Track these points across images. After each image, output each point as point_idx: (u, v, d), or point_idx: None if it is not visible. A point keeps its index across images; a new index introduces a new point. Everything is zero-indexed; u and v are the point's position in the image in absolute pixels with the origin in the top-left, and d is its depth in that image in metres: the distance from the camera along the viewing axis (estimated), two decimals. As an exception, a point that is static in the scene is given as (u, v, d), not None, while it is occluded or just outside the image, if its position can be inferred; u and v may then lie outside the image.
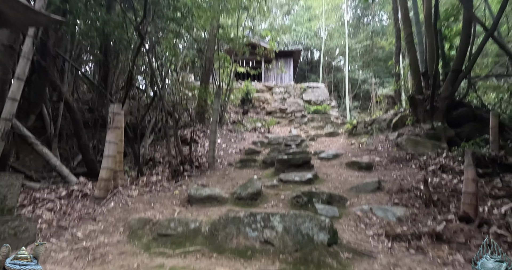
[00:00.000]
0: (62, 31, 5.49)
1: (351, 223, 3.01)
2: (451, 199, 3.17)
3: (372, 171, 4.78)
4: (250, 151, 6.94)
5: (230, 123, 11.43)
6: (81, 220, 2.76)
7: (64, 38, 6.52)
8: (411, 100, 6.19)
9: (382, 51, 25.10)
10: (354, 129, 8.60)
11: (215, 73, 10.33)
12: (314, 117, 14.08)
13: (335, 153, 6.03)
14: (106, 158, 3.41)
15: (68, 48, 6.99)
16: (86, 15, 5.57)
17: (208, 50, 9.78)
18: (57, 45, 5.43)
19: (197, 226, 2.80)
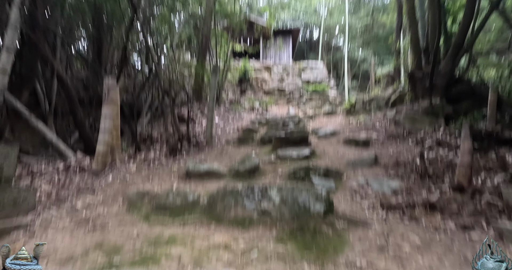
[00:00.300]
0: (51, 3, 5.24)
1: (347, 195, 3.06)
2: (446, 172, 3.22)
3: (369, 147, 4.81)
4: (248, 129, 6.93)
5: (227, 102, 11.33)
6: (80, 192, 2.78)
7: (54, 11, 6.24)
8: (411, 77, 6.11)
9: (382, 29, 24.47)
10: (353, 108, 8.57)
11: (212, 51, 10.08)
12: (312, 97, 13.99)
13: (333, 131, 6.03)
14: (103, 132, 3.38)
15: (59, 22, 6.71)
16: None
17: (204, 27, 9.46)
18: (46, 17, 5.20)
19: (196, 198, 2.84)
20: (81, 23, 8.06)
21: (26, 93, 6.18)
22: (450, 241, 2.03)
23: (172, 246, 1.97)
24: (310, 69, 17.58)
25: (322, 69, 17.85)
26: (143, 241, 2.04)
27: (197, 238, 2.17)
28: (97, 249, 1.87)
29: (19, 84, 6.12)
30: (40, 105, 6.31)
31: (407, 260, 1.85)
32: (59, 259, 1.74)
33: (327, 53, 26.26)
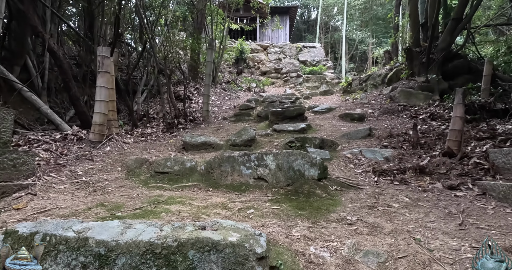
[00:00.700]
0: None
1: (341, 163, 3.15)
2: (438, 142, 3.30)
3: (364, 121, 4.87)
4: (245, 106, 6.93)
5: (224, 83, 11.22)
6: (79, 160, 2.82)
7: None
8: (408, 53, 6.08)
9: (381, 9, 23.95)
10: (349, 86, 8.55)
11: (207, 28, 9.83)
12: (309, 78, 13.89)
13: (329, 107, 6.07)
14: (99, 102, 3.37)
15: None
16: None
17: (199, 3, 9.16)
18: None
19: (193, 164, 2.90)
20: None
21: (18, 68, 6.05)
22: (436, 199, 2.13)
23: (172, 205, 2.05)
24: (307, 50, 17.33)
25: (320, 50, 17.61)
26: (143, 201, 2.11)
27: (195, 199, 2.25)
28: (99, 207, 1.93)
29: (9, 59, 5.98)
30: (33, 82, 6.20)
31: (395, 215, 1.94)
32: (62, 215, 1.80)
33: (324, 34, 25.78)
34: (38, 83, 6.09)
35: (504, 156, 2.12)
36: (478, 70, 5.55)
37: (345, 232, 1.73)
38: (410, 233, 1.66)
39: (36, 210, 1.89)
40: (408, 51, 5.98)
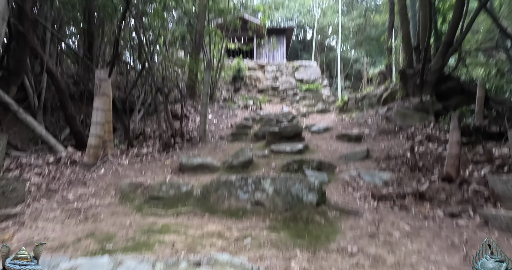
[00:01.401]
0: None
1: (340, 187, 3.10)
2: (435, 164, 3.29)
3: (361, 142, 4.87)
4: (242, 125, 6.93)
5: (221, 100, 11.31)
6: (71, 184, 2.75)
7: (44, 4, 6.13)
8: (402, 75, 6.21)
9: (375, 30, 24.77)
10: (345, 105, 8.65)
11: (205, 48, 10.04)
12: (306, 96, 14.06)
13: (326, 127, 6.09)
14: (95, 125, 3.34)
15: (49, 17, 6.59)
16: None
17: (198, 23, 9.41)
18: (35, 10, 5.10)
19: (189, 189, 2.84)
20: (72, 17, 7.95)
21: (15, 88, 6.05)
22: (438, 228, 2.08)
23: (166, 234, 1.97)
24: (303, 69, 17.68)
25: (316, 68, 17.99)
26: (136, 229, 2.04)
27: (191, 227, 2.17)
28: (89, 237, 1.85)
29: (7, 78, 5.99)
30: (29, 100, 6.19)
31: (397, 246, 1.89)
32: (50, 247, 1.72)
33: (320, 53, 26.46)
34: (35, 103, 6.08)
35: (503, 184, 2.10)
36: (470, 91, 5.67)
37: (346, 264, 1.67)
38: (414, 267, 1.60)
39: (23, 241, 1.80)
40: (402, 73, 6.11)
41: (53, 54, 7.14)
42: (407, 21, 6.39)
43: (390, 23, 8.08)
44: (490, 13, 4.92)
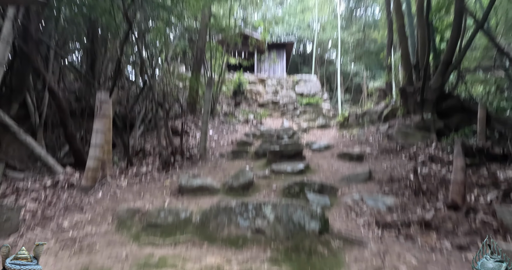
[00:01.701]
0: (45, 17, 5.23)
1: (342, 212, 3.03)
2: (440, 188, 3.22)
3: (363, 161, 4.82)
4: (242, 142, 6.90)
5: (222, 115, 11.33)
6: (67, 210, 2.68)
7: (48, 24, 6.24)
8: (402, 92, 6.23)
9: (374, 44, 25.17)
10: (346, 121, 8.64)
11: (206, 64, 10.16)
12: (306, 110, 14.11)
13: (327, 144, 6.05)
14: (94, 147, 3.31)
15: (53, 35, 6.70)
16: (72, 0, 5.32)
17: (199, 40, 9.57)
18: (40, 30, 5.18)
19: (188, 215, 2.77)
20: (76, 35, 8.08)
21: (16, 105, 6.07)
22: (446, 262, 2.00)
23: (163, 269, 1.90)
24: (303, 82, 17.84)
25: (316, 82, 18.14)
26: (132, 263, 1.96)
27: (189, 260, 2.10)
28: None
29: (8, 96, 6.02)
30: (30, 118, 6.20)
31: (405, 283, 1.81)
32: (42, 285, 1.64)
33: (320, 67, 26.79)
34: (36, 120, 6.08)
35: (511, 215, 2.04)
36: (471, 109, 5.67)
37: (352, 305, 1.59)
38: (423, 310, 1.52)
39: (14, 278, 1.72)
40: (402, 91, 6.13)
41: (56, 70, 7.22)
42: (405, 39, 6.48)
43: (389, 40, 8.19)
44: (487, 33, 4.98)
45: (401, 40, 6.53)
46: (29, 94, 6.14)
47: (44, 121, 6.26)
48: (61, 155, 6.27)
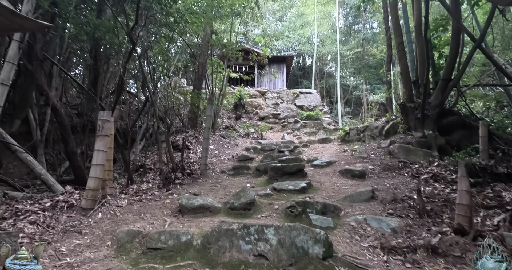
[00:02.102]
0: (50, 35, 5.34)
1: (346, 234, 2.97)
2: (444, 209, 3.18)
3: (365, 179, 4.77)
4: (243, 157, 6.87)
5: (223, 128, 11.35)
6: (66, 233, 2.63)
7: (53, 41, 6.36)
8: (403, 108, 6.26)
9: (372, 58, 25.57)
10: (347, 136, 8.64)
11: (208, 79, 10.29)
12: (307, 123, 14.15)
13: (328, 160, 6.02)
14: (95, 166, 3.29)
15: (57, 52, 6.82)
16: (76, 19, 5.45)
17: (201, 55, 9.73)
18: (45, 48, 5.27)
19: (189, 238, 2.71)
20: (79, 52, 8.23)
21: (18, 121, 6.11)
22: (456, 292, 1.94)
23: (163, 300, 1.84)
24: (304, 96, 17.99)
25: (316, 95, 18.29)
26: (131, 293, 1.90)
27: (190, 289, 2.04)
28: (80, 306, 1.72)
29: (11, 113, 6.07)
30: (32, 134, 6.21)
31: (413, 315, 1.74)
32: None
33: (320, 80, 27.10)
34: (37, 136, 6.10)
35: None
36: (472, 125, 5.68)
37: None
38: None
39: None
40: (402, 107, 6.16)
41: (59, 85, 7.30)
42: (405, 56, 6.57)
43: (388, 57, 8.32)
44: (484, 52, 5.05)
45: (400, 57, 6.62)
46: (31, 111, 6.18)
47: (46, 138, 6.27)
48: (61, 171, 6.24)
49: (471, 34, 5.01)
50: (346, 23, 28.60)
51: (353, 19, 27.60)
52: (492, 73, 7.12)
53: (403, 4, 7.30)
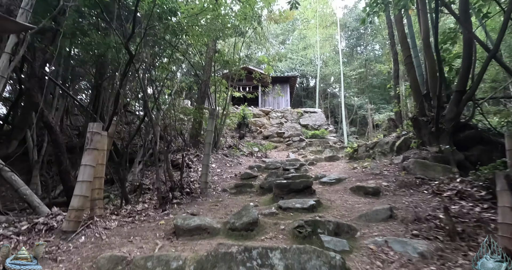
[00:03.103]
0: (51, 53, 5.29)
1: (365, 259, 2.54)
2: (478, 230, 2.74)
3: (380, 196, 4.35)
4: (247, 175, 6.49)
5: (226, 147, 11.08)
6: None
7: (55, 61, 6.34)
8: (415, 122, 5.93)
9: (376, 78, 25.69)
10: (355, 153, 8.25)
11: (210, 97, 10.21)
12: (312, 142, 13.80)
13: (338, 177, 5.61)
14: (80, 183, 2.98)
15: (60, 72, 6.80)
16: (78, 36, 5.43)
17: (204, 74, 9.71)
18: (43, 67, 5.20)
19: (180, 264, 2.32)
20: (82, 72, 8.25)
21: (16, 142, 5.93)
22: None
23: None
24: (308, 115, 17.81)
25: (320, 114, 18.11)
26: None
27: None
28: None
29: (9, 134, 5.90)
30: (28, 154, 6.01)
31: None
32: None
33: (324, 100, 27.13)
34: (33, 156, 5.88)
35: None
36: (491, 140, 5.29)
37: None
38: None
39: None
40: (414, 121, 5.84)
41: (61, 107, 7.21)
42: (413, 69, 6.36)
43: (395, 71, 8.14)
44: (499, 62, 4.81)
45: (409, 70, 6.41)
46: (29, 131, 6.02)
47: (42, 159, 6.05)
48: (56, 192, 5.94)
49: (484, 44, 4.80)
50: (348, 45, 29.17)
51: (355, 41, 28.15)
52: (504, 88, 6.84)
53: (408, 19, 7.24)
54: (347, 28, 27.44)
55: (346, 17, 28.48)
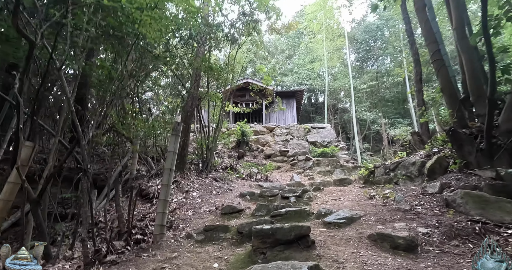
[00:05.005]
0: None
1: None
2: None
3: (417, 254, 2.73)
4: (229, 209, 4.95)
5: (221, 169, 9.63)
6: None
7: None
8: (453, 136, 4.34)
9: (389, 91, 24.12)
10: (371, 176, 6.62)
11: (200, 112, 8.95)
12: (320, 161, 12.17)
13: (350, 215, 4.00)
14: None
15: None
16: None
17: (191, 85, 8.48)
18: None
19: None
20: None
21: None
22: None
23: None
24: (316, 131, 16.27)
25: (330, 130, 16.51)
26: None
27: None
28: None
29: None
30: None
31: None
32: None
33: (333, 116, 25.60)
34: None
35: None
36: None
37: None
38: None
39: None
40: (453, 134, 4.26)
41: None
42: (444, 68, 4.86)
43: (417, 74, 6.62)
44: None
45: (438, 68, 4.91)
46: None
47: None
48: None
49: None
50: (358, 58, 27.96)
51: (365, 54, 26.93)
52: None
53: (431, 11, 5.84)
54: (355, 41, 26.37)
55: (354, 30, 27.54)
